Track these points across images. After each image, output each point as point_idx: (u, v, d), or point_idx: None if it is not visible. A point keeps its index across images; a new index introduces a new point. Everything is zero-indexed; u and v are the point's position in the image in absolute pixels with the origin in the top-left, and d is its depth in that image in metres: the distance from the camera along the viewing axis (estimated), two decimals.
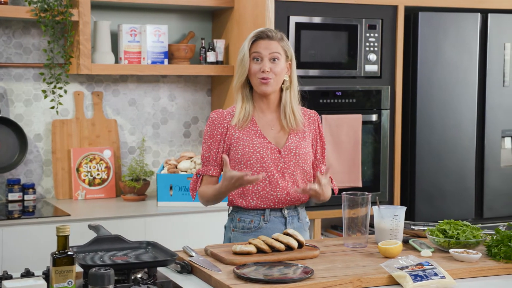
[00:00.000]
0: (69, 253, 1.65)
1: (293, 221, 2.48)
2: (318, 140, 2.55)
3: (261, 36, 2.45)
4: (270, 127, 2.48)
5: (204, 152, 2.49)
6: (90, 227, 2.23)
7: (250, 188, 2.44)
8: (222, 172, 2.45)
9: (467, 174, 3.82)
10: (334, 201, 2.85)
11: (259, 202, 2.45)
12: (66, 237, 1.66)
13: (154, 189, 3.74)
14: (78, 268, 1.91)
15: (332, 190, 2.57)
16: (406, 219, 3.71)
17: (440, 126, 3.73)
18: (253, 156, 2.42)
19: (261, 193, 2.44)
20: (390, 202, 3.72)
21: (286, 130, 2.48)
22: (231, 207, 2.54)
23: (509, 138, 3.93)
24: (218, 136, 2.46)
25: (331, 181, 2.56)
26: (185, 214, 3.31)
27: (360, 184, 3.58)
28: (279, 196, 2.44)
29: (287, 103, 2.48)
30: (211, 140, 2.47)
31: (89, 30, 3.35)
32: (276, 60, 2.43)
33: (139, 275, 1.95)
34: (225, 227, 2.58)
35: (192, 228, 3.29)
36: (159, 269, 2.07)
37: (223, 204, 3.36)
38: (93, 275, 1.57)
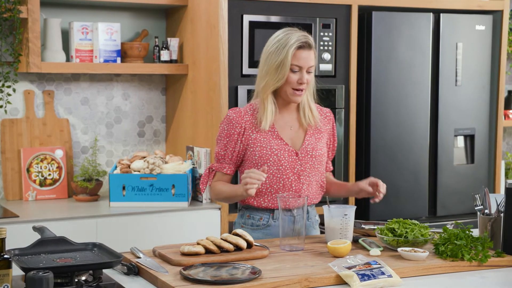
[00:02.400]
0: (5, 256, 1.61)
1: (299, 219, 2.41)
2: (331, 140, 2.61)
3: (303, 46, 2.40)
4: (289, 127, 2.51)
5: (220, 150, 2.50)
6: (34, 228, 2.17)
7: (264, 189, 2.46)
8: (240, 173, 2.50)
9: (420, 172, 3.85)
10: None
11: (270, 204, 2.48)
12: (2, 240, 1.61)
13: (107, 189, 3.69)
14: (20, 272, 1.87)
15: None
16: (361, 218, 3.75)
17: (394, 125, 3.76)
18: (271, 159, 2.45)
19: (274, 195, 2.47)
20: (345, 201, 3.73)
21: (304, 128, 2.51)
22: (240, 205, 2.58)
23: (462, 137, 3.98)
24: (235, 136, 2.46)
25: None
26: (138, 215, 3.26)
27: None
28: (285, 197, 2.40)
29: (305, 102, 2.51)
30: (227, 139, 2.47)
31: (38, 28, 3.28)
32: (311, 72, 2.44)
33: (83, 278, 1.91)
34: (234, 223, 2.61)
35: (144, 229, 3.25)
36: (105, 271, 2.03)
37: (178, 204, 3.35)
38: (31, 279, 1.53)
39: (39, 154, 3.52)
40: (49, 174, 3.53)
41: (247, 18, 3.43)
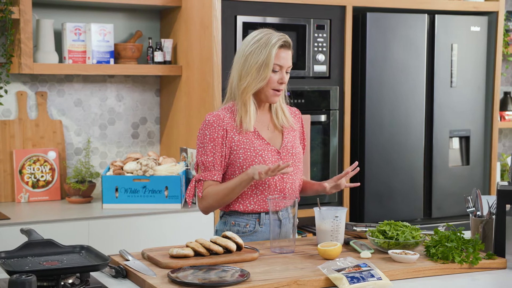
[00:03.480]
0: None
1: (286, 222, 2.38)
2: (301, 138, 2.58)
3: (284, 45, 2.38)
4: (266, 127, 2.47)
5: (207, 157, 2.37)
6: (22, 231, 2.15)
7: (249, 192, 2.40)
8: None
9: (416, 174, 3.83)
10: None
11: (256, 206, 2.42)
12: None
13: (101, 191, 3.66)
14: (5, 275, 1.85)
15: None
16: (355, 219, 3.73)
17: (389, 127, 3.74)
18: (256, 160, 2.38)
19: (259, 196, 2.41)
20: (340, 203, 3.72)
21: (279, 129, 2.49)
22: (223, 211, 2.49)
23: (457, 139, 3.96)
24: (220, 139, 2.37)
25: None
26: (130, 217, 3.25)
27: None
28: (276, 199, 2.38)
29: (277, 104, 2.48)
30: (212, 144, 2.37)
31: (30, 29, 3.27)
32: (288, 72, 2.43)
33: (70, 281, 1.89)
34: (216, 230, 2.52)
35: (137, 231, 3.23)
36: (93, 273, 2.02)
37: (171, 206, 3.33)
38: (13, 283, 1.51)
39: (31, 155, 3.51)
40: (42, 176, 3.51)
41: (240, 19, 3.41)
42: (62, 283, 1.85)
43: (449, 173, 3.91)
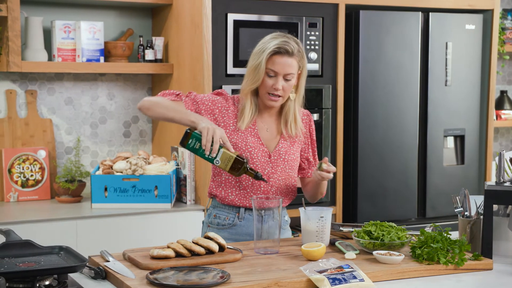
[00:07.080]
0: None
1: (268, 220, 2.33)
2: (309, 143, 2.54)
3: (279, 52, 2.35)
4: (266, 129, 2.47)
5: (196, 96, 2.43)
6: (0, 232, 2.13)
7: (233, 181, 2.43)
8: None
9: (410, 173, 3.79)
10: None
11: (236, 199, 2.44)
12: None
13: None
14: None
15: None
16: (348, 220, 3.69)
17: (382, 126, 3.70)
18: (243, 155, 2.41)
19: (241, 191, 2.43)
20: (333, 202, 3.68)
21: (279, 131, 2.47)
22: (210, 203, 2.53)
23: (452, 138, 3.92)
24: (212, 108, 2.41)
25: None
26: (119, 216, 3.22)
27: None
28: (259, 199, 2.37)
29: (290, 111, 2.46)
30: (203, 102, 2.41)
31: (18, 26, 3.24)
32: (290, 79, 2.38)
33: (47, 282, 1.86)
34: (203, 222, 2.57)
35: (126, 231, 3.20)
36: (72, 275, 1.99)
37: (161, 205, 3.29)
38: None
39: (21, 154, 3.48)
40: (32, 175, 3.48)
41: (231, 17, 3.38)
42: (38, 285, 1.82)
43: (444, 172, 3.87)
